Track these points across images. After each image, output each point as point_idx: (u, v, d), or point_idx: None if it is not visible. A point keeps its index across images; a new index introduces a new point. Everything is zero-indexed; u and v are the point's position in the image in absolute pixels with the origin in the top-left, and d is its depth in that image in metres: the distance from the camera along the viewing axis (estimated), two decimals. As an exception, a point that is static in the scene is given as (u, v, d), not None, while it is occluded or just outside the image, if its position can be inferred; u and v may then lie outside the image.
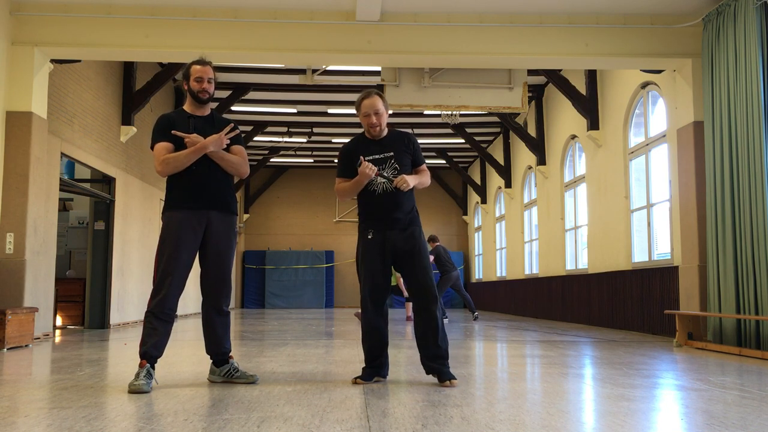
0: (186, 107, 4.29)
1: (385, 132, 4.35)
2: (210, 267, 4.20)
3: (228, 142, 4.18)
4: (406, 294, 13.39)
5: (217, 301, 4.23)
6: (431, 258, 13.19)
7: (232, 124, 4.26)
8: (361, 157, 4.20)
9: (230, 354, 4.30)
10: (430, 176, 4.42)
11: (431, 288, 4.17)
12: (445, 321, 12.76)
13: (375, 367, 4.23)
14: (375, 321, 4.22)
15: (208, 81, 4.21)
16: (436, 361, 4.14)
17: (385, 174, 4.24)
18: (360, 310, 4.47)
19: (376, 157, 4.27)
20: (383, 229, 4.23)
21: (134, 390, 3.83)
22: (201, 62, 4.24)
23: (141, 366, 3.96)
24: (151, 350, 4.00)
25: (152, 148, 4.16)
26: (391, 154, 4.28)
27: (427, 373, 4.22)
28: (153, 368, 4.01)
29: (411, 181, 4.21)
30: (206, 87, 4.20)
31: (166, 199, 4.19)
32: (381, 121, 4.25)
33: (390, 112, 4.15)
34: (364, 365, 4.29)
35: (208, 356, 4.31)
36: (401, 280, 13.21)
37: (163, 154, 4.07)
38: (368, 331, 4.23)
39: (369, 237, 4.25)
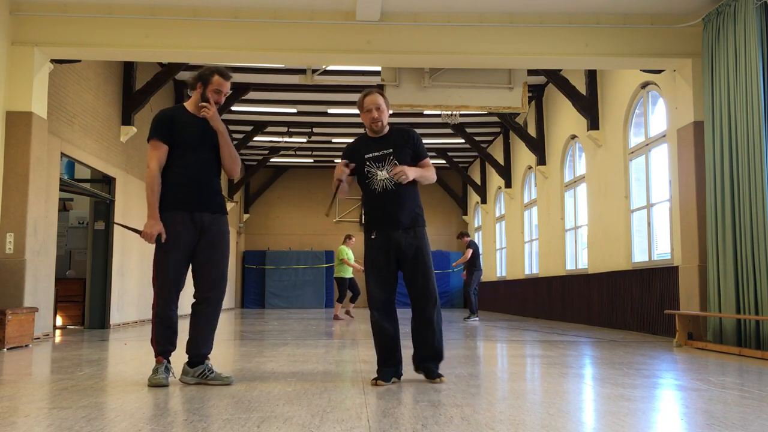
0: (188, 106, 4.30)
1: (387, 129, 4.41)
2: (203, 260, 4.15)
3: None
4: (349, 293, 13.27)
5: (205, 289, 4.13)
6: (469, 252, 13.23)
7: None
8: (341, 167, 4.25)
9: (207, 356, 4.17)
10: (435, 171, 4.40)
11: (431, 291, 4.21)
12: (475, 321, 12.68)
13: (390, 367, 4.24)
14: (383, 322, 4.24)
15: (224, 95, 4.29)
16: (427, 361, 4.23)
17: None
18: (336, 312, 4.53)
19: (376, 154, 4.32)
20: (386, 229, 4.24)
21: (155, 384, 3.99)
22: (224, 75, 4.24)
23: (158, 362, 4.08)
24: (168, 347, 4.12)
25: (149, 141, 4.18)
26: (390, 150, 4.31)
27: (416, 371, 4.32)
28: (169, 363, 4.13)
29: (411, 173, 4.19)
30: (221, 100, 4.26)
31: (160, 199, 4.16)
32: (382, 116, 4.32)
33: (390, 111, 4.17)
34: (377, 367, 4.26)
35: (187, 355, 4.16)
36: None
37: (155, 159, 4.11)
38: (378, 333, 4.24)
39: (372, 237, 4.28)
